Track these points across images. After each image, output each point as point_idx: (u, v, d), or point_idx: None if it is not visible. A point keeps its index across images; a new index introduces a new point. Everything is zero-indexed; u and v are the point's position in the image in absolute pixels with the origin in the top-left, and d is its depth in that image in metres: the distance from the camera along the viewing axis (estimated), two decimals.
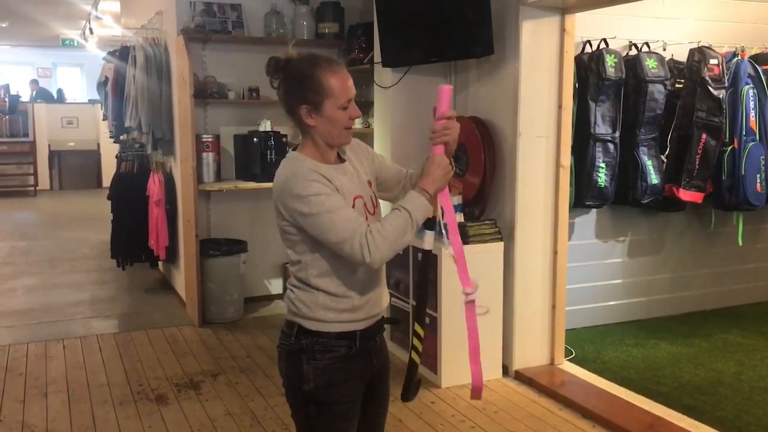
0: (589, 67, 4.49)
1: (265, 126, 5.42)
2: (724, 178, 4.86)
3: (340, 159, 2.02)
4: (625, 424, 3.47)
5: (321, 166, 1.92)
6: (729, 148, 4.82)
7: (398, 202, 1.92)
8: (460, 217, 4.09)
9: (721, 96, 4.67)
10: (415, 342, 2.13)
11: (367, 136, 5.03)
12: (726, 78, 4.72)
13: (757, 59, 4.95)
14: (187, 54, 4.98)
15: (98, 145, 13.60)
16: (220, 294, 5.22)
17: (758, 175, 4.84)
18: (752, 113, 4.82)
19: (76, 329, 5.17)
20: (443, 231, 2.07)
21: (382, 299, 2.07)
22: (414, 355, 2.12)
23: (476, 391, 2.14)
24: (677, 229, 5.27)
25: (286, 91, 1.93)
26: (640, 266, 5.17)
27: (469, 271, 2.08)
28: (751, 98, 4.81)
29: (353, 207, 1.93)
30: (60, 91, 15.40)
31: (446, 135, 1.95)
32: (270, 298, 5.81)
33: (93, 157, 13.79)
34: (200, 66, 5.39)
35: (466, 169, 4.28)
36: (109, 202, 6.53)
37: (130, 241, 6.28)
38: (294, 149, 2.00)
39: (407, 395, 2.11)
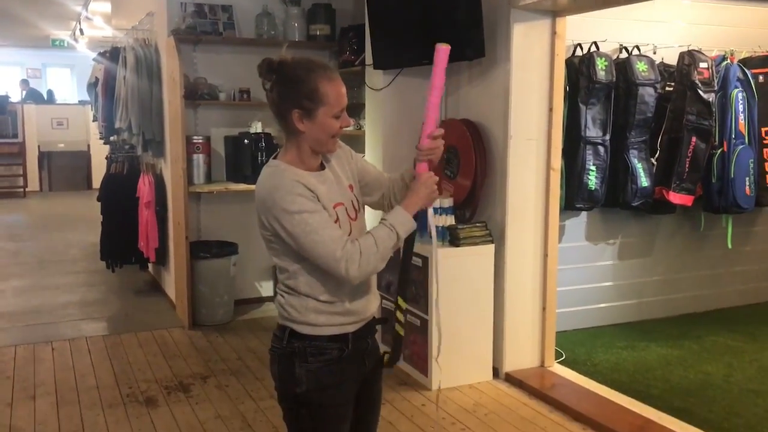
0: (579, 70, 4.51)
1: (256, 127, 5.41)
2: (713, 180, 4.88)
3: (321, 166, 2.01)
4: (615, 426, 3.47)
5: (303, 175, 1.91)
6: (718, 151, 4.85)
7: (387, 218, 1.93)
8: (451, 220, 4.09)
9: (710, 99, 4.70)
10: (398, 315, 2.16)
11: (358, 138, 5.03)
12: (715, 81, 4.75)
13: (746, 63, 4.98)
14: (178, 55, 4.96)
15: (88, 146, 13.54)
16: (211, 296, 5.21)
17: (747, 178, 4.87)
18: (741, 116, 4.85)
19: (66, 331, 5.14)
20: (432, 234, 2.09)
21: (372, 302, 2.08)
22: (398, 328, 2.17)
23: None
24: (667, 232, 5.29)
25: (279, 93, 1.91)
26: (631, 269, 5.18)
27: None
28: (740, 102, 4.84)
29: (336, 215, 1.93)
30: (50, 92, 15.32)
31: (431, 154, 2.00)
32: (261, 300, 5.79)
33: (83, 158, 13.73)
34: (191, 67, 5.38)
35: (457, 171, 4.28)
36: (99, 203, 6.50)
37: (120, 242, 6.25)
38: (275, 157, 1.99)
39: (392, 364, 2.16)
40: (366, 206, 2.17)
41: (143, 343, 4.86)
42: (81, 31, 11.17)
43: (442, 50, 2.02)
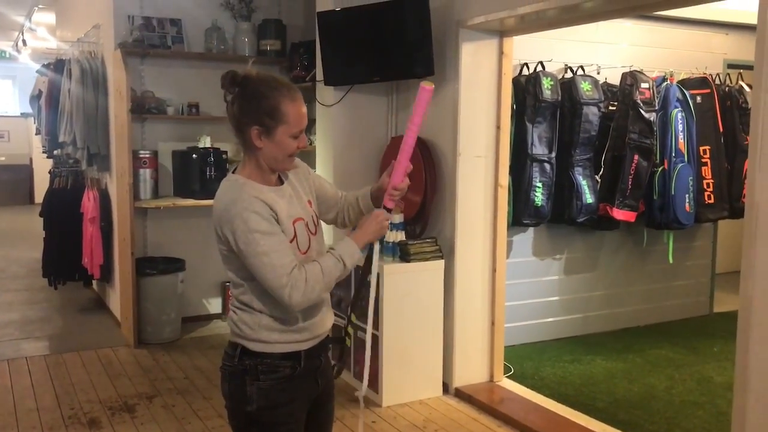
0: (526, 89, 4.60)
1: (205, 142, 5.35)
2: (655, 197, 5.03)
3: (280, 180, 2.01)
4: None
5: (262, 190, 1.91)
6: (660, 169, 4.99)
7: (336, 249, 1.95)
8: (401, 235, 4.12)
9: (652, 118, 4.85)
10: (349, 329, 2.26)
11: (309, 154, 5.02)
12: (656, 101, 4.91)
13: (684, 84, 5.16)
14: (125, 68, 4.89)
15: (30, 159, 13.22)
16: (157, 314, 5.11)
17: (687, 195, 5.03)
18: (681, 135, 5.01)
19: (5, 351, 4.97)
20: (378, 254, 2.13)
21: (326, 320, 2.07)
22: (347, 341, 2.28)
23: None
24: (611, 247, 5.41)
25: (240, 107, 1.90)
26: (576, 283, 5.29)
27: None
28: (680, 121, 5.00)
29: (294, 230, 1.93)
30: None
31: (403, 193, 2.06)
32: (209, 317, 5.71)
33: (25, 172, 13.38)
34: (138, 80, 5.30)
35: (408, 187, 4.30)
36: (42, 218, 6.33)
37: (63, 259, 6.09)
38: (234, 171, 1.98)
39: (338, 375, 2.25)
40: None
41: (87, 363, 4.73)
42: (24, 42, 10.89)
43: (426, 90, 2.01)
